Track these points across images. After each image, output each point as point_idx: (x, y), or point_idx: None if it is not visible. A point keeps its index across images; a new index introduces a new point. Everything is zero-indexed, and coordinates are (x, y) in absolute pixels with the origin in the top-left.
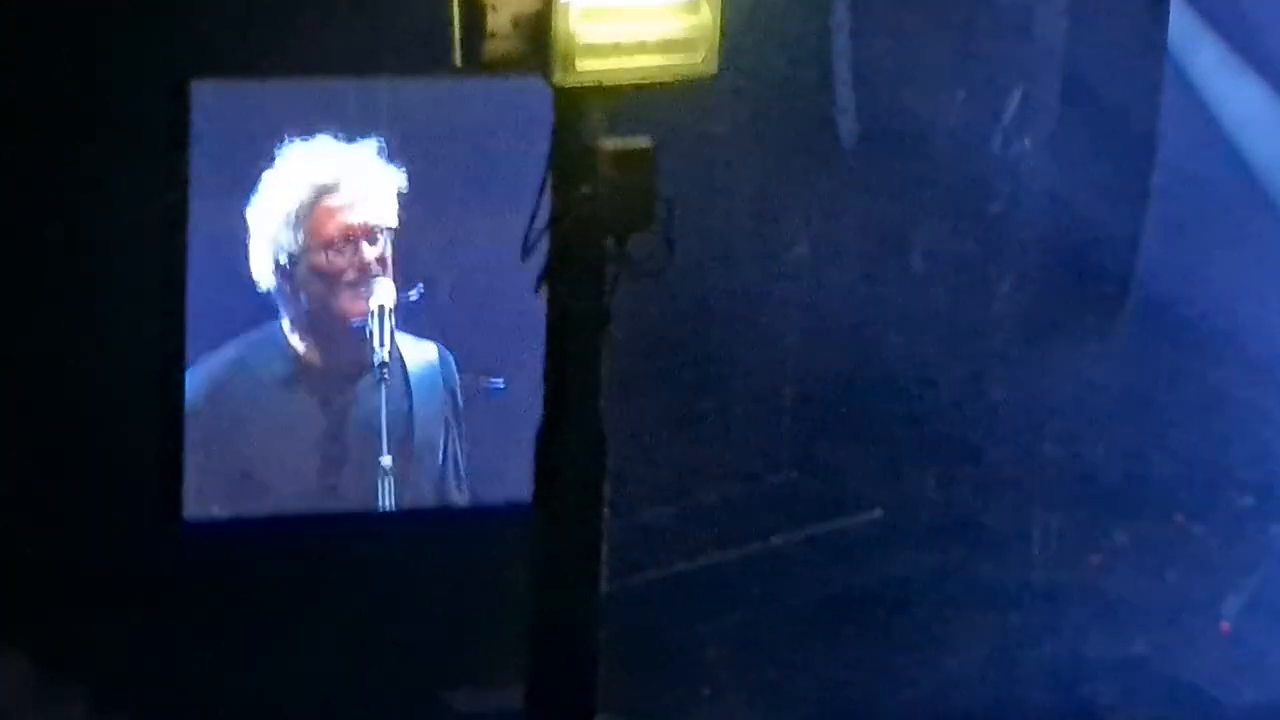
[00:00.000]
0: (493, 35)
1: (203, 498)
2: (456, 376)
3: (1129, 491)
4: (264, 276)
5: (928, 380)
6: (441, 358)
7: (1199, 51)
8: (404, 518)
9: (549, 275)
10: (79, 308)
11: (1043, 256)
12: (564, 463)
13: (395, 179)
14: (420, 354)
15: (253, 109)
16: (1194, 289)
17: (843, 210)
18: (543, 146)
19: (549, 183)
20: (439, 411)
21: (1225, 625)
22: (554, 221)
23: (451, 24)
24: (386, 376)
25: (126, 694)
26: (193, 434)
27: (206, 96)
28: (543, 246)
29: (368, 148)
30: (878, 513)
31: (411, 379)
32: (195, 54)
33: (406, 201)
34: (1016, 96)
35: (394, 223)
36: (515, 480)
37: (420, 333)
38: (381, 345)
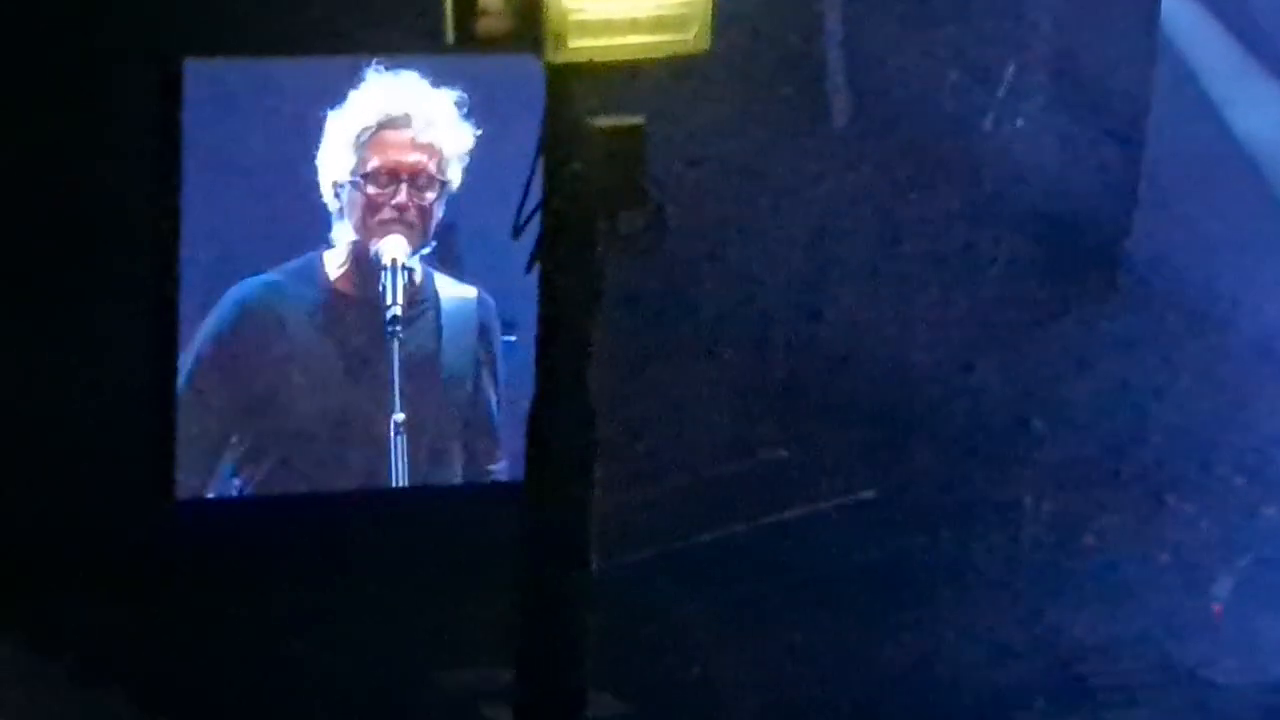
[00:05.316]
0: (485, 12)
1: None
2: (496, 320)
3: (1120, 472)
4: (327, 192)
5: (920, 359)
6: (480, 299)
7: (1192, 29)
8: (392, 495)
9: (540, 253)
10: (68, 289)
11: (1035, 235)
12: (554, 440)
13: (466, 136)
14: (458, 292)
15: (245, 86)
16: (1186, 268)
17: (834, 189)
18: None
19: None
20: (469, 348)
21: (1217, 607)
22: (545, 199)
23: (444, 1)
24: (399, 332)
25: (115, 676)
26: (217, 356)
27: (199, 74)
28: (534, 224)
29: (447, 97)
30: (870, 493)
31: (444, 315)
32: (185, 32)
33: (472, 161)
34: (1009, 74)
35: (450, 178)
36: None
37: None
38: (395, 301)
